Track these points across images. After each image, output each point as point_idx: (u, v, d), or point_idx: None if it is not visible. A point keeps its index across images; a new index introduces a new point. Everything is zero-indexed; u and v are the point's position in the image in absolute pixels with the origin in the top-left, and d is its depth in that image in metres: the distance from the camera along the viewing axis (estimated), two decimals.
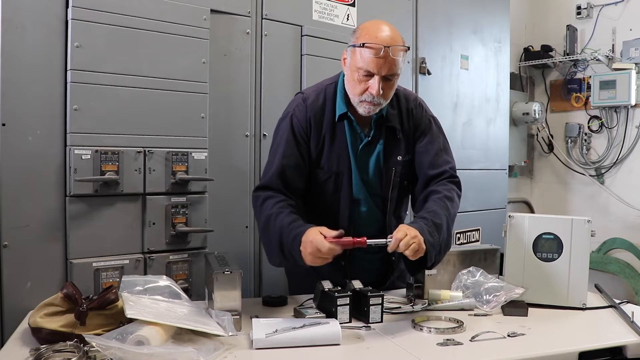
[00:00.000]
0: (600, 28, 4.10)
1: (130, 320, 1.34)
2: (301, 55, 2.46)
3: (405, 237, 1.47)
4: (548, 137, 4.42)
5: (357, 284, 1.68)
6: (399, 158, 1.79)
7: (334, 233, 1.48)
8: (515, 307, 1.69)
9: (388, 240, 1.49)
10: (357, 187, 1.78)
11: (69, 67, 1.86)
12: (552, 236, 1.78)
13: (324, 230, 1.50)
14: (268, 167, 1.76)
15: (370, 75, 1.63)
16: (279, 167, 1.71)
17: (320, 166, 1.77)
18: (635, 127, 3.97)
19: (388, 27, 1.66)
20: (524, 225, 1.81)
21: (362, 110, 1.69)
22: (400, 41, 1.65)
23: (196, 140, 2.12)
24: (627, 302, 1.83)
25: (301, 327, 1.42)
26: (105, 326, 1.37)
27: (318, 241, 1.46)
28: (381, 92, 1.63)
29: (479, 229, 3.34)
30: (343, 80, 1.76)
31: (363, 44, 1.61)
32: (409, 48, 1.69)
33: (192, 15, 2.10)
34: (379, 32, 1.63)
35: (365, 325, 1.55)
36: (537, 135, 4.50)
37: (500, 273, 1.91)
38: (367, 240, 1.50)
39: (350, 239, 1.49)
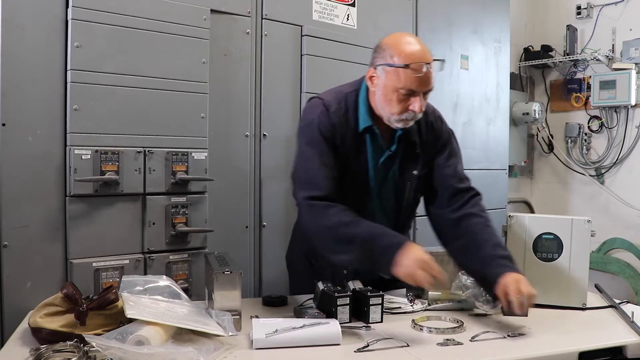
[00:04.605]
0: (600, 28, 4.09)
1: (130, 320, 1.34)
2: (301, 55, 2.46)
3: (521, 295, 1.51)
4: (548, 137, 4.42)
5: (357, 284, 1.68)
6: (415, 172, 1.77)
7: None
8: None
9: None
10: (373, 199, 1.76)
11: (69, 67, 1.86)
12: (552, 236, 1.78)
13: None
14: (306, 175, 1.67)
15: (411, 93, 1.61)
16: (326, 176, 1.64)
17: (342, 176, 1.70)
18: (635, 127, 3.97)
19: (416, 40, 1.66)
20: (524, 225, 1.81)
21: (399, 125, 1.67)
22: (430, 53, 1.64)
23: (196, 140, 2.12)
24: (627, 302, 1.83)
25: (301, 327, 1.42)
26: (105, 326, 1.37)
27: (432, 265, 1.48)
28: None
29: None
30: (366, 92, 1.72)
31: (407, 65, 1.58)
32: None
33: (192, 15, 2.10)
34: (413, 49, 1.61)
35: (365, 325, 1.55)
36: (537, 135, 4.50)
37: None
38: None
39: None
